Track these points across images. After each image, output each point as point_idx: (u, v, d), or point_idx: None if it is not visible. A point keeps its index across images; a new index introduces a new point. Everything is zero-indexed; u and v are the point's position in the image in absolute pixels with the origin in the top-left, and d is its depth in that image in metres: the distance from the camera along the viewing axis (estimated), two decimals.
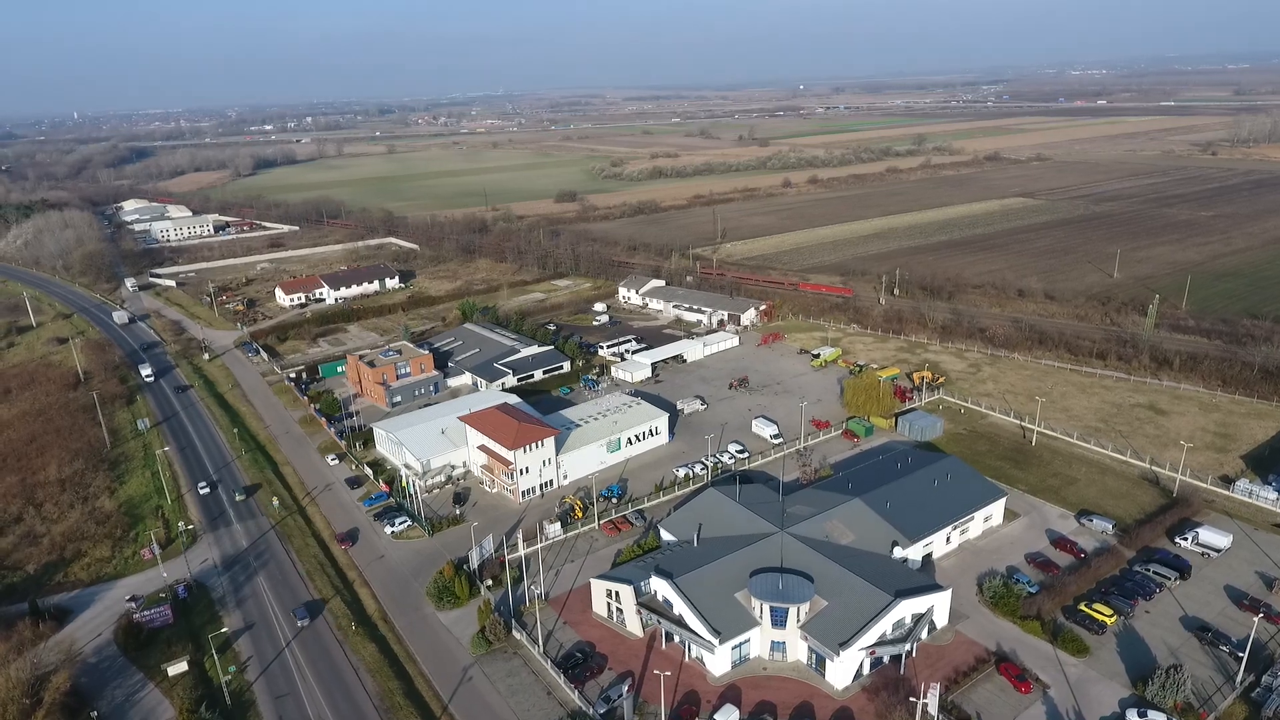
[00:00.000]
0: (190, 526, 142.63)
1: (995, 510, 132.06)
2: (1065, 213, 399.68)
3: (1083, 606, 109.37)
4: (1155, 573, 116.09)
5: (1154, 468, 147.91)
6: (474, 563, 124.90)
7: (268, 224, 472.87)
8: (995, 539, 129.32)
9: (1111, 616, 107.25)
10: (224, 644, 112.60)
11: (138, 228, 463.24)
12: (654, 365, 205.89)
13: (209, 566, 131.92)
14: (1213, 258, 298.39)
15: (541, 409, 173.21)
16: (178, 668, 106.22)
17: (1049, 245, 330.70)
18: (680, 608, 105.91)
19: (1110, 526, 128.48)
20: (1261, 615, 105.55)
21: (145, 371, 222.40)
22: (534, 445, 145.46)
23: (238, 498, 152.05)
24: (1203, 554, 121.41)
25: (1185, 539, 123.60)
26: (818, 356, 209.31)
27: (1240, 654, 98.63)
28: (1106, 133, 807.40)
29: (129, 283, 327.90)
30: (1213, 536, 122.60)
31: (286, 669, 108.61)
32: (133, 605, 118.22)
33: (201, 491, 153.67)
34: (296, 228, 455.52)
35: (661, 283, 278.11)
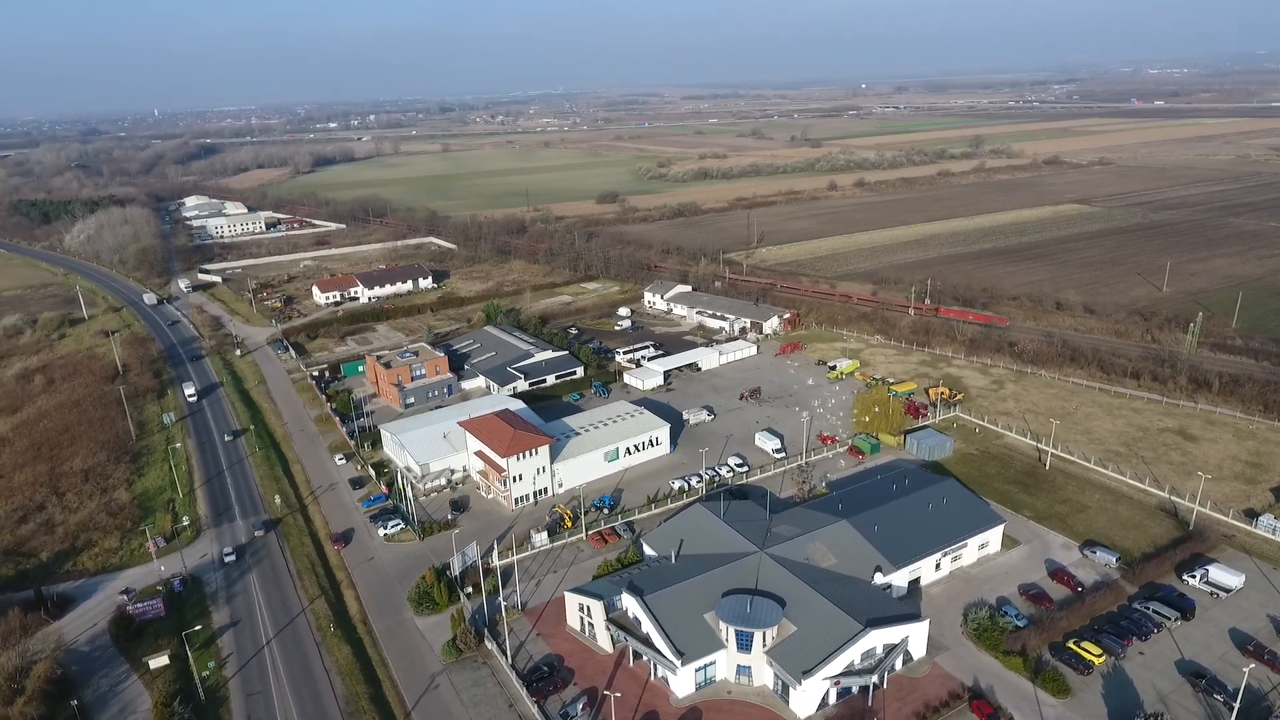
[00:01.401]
0: (188, 522, 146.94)
1: (993, 537, 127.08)
2: (1120, 221, 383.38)
3: (1071, 644, 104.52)
4: (1155, 611, 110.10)
5: (1173, 497, 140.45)
6: (455, 569, 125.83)
7: (316, 221, 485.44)
8: (990, 567, 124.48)
9: (1100, 656, 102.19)
10: (209, 639, 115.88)
11: (195, 223, 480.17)
12: (666, 373, 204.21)
13: (207, 561, 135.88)
14: (1273, 271, 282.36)
15: (551, 415, 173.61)
16: (159, 661, 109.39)
17: (1097, 255, 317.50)
18: (648, 626, 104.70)
19: (1114, 559, 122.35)
20: (1264, 661, 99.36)
21: (189, 391, 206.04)
22: (528, 453, 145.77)
23: (226, 439, 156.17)
24: (1211, 593, 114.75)
25: (1194, 576, 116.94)
26: (834, 368, 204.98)
27: (1233, 703, 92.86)
28: (1179, 135, 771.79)
29: (182, 283, 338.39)
30: (1224, 575, 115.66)
31: (263, 667, 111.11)
32: (124, 598, 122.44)
33: (227, 559, 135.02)
34: (343, 225, 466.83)
35: (687, 288, 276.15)
